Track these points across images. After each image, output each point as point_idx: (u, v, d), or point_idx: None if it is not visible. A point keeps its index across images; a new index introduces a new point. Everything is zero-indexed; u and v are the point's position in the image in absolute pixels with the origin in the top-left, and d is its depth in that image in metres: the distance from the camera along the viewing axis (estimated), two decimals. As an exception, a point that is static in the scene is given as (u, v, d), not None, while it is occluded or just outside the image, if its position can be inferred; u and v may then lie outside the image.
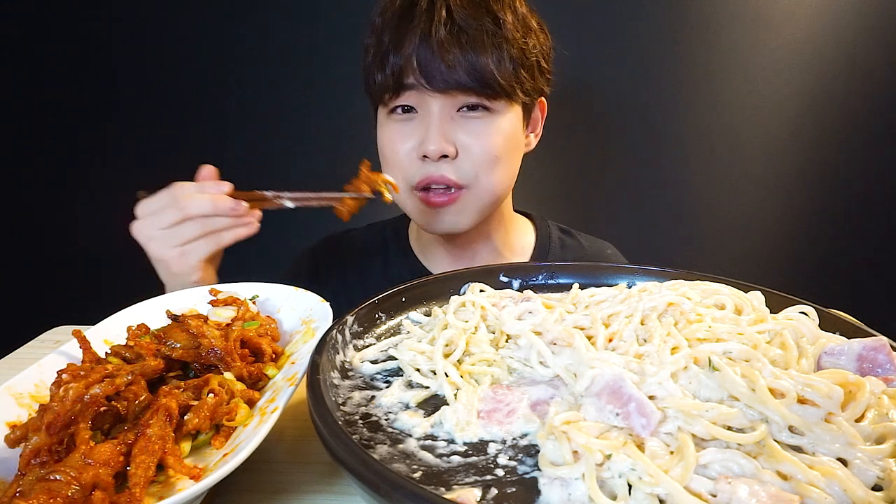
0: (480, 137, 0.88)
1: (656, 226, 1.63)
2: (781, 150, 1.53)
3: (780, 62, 1.45)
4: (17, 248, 1.88)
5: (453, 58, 0.82)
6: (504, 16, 0.86)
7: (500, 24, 0.85)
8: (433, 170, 0.89)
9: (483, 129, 0.89)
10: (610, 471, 0.38)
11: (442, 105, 0.87)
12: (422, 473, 0.41)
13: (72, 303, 1.29)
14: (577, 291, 0.67)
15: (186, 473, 0.42)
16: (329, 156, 1.58)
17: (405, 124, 0.91)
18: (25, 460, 0.41)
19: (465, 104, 0.88)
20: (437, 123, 0.87)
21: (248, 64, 1.64)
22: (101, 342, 0.58)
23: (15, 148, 1.80)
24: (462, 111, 0.88)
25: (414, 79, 0.85)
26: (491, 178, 0.91)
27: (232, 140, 1.72)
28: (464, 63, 0.83)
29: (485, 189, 0.92)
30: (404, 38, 0.85)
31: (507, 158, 0.93)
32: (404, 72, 0.85)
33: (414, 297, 0.68)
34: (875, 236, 1.57)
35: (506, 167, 0.93)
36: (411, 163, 0.90)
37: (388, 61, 0.86)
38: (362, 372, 0.56)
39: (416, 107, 0.89)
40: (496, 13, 0.85)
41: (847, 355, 0.48)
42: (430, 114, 0.87)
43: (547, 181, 1.66)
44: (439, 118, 0.87)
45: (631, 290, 0.64)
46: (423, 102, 0.88)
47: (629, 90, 1.54)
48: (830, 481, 0.35)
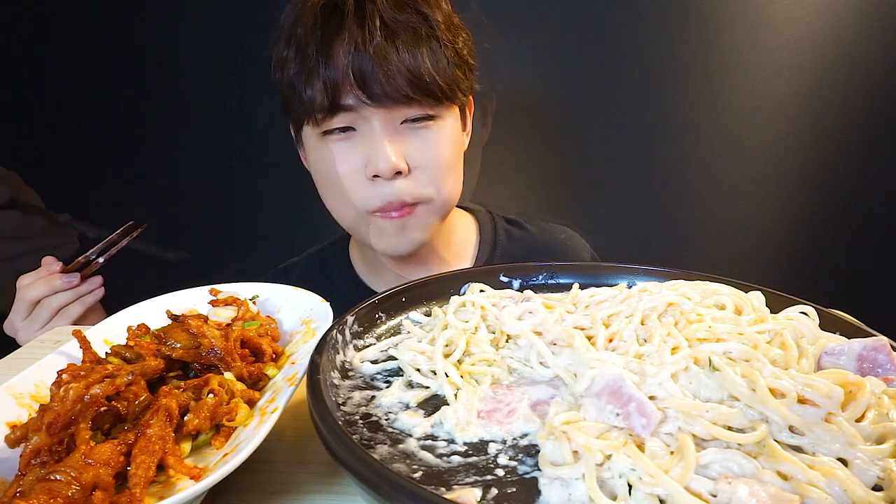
0: (430, 148, 0.83)
1: (656, 226, 1.63)
2: (781, 150, 1.53)
3: (780, 62, 1.45)
4: (17, 248, 1.88)
5: (392, 67, 0.76)
6: (434, 14, 0.80)
7: (431, 24, 0.80)
8: (388, 192, 0.82)
9: (431, 140, 0.84)
10: (610, 471, 0.38)
11: (384, 119, 0.80)
12: (422, 473, 0.41)
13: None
14: (577, 291, 0.67)
15: (187, 473, 0.42)
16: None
17: (345, 143, 0.83)
18: (26, 460, 0.41)
19: (407, 116, 0.82)
20: (383, 138, 0.80)
21: (248, 64, 1.64)
22: (101, 342, 0.58)
23: (15, 148, 1.80)
24: (406, 123, 0.82)
25: (353, 96, 0.78)
26: (445, 189, 0.87)
27: (232, 140, 1.72)
28: (404, 70, 0.76)
29: (441, 200, 0.88)
30: (334, 49, 0.77)
31: (456, 164, 0.90)
32: (340, 88, 0.77)
33: (414, 297, 0.68)
34: (875, 236, 1.57)
35: (456, 173, 0.90)
36: (358, 185, 0.83)
37: (317, 76, 0.78)
38: (362, 372, 0.56)
39: (354, 125, 0.82)
40: (426, 12, 0.80)
41: (847, 355, 0.48)
42: (372, 130, 0.80)
43: (546, 181, 1.66)
44: (384, 133, 0.80)
45: (631, 290, 0.63)
46: (361, 119, 0.81)
47: (629, 90, 1.53)
48: (831, 481, 0.35)
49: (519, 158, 1.60)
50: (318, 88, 0.78)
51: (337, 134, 0.83)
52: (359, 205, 0.85)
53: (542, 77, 1.51)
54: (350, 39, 0.76)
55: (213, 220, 1.76)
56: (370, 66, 0.76)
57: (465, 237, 1.07)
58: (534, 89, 1.53)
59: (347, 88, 0.78)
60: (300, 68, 0.80)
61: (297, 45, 0.81)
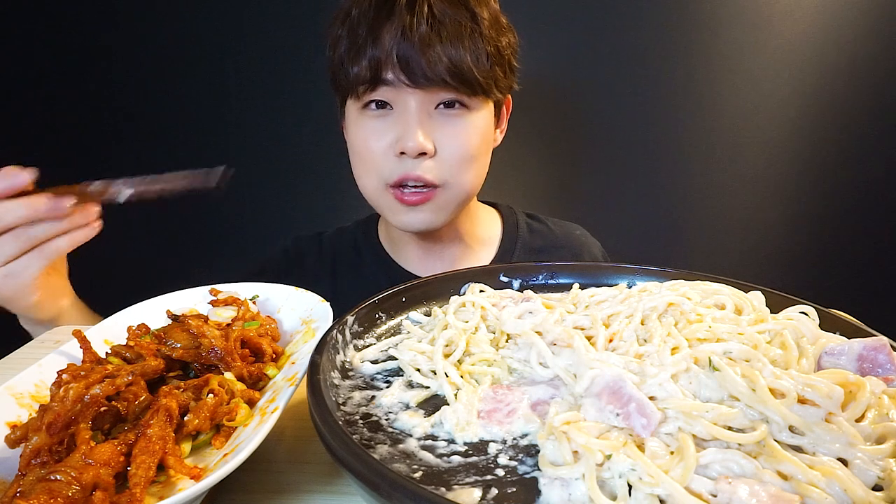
0: (458, 135, 0.88)
1: (656, 226, 1.63)
2: (781, 151, 1.53)
3: (781, 62, 1.45)
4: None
5: (434, 53, 0.81)
6: (481, 12, 0.85)
7: (477, 21, 0.84)
8: (410, 167, 0.87)
9: (461, 127, 0.88)
10: (610, 471, 0.38)
11: (420, 101, 0.85)
12: (422, 473, 0.41)
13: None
14: (578, 291, 0.67)
15: (187, 473, 0.42)
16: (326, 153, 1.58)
17: (380, 120, 0.88)
18: (26, 460, 0.41)
19: (442, 101, 0.86)
20: (416, 120, 0.85)
21: (248, 64, 1.64)
22: (101, 342, 0.58)
23: (15, 147, 1.80)
24: (439, 108, 0.87)
25: (393, 74, 0.83)
26: (466, 177, 0.91)
27: (232, 140, 1.72)
28: (444, 59, 0.81)
29: (460, 188, 0.92)
30: (382, 31, 0.82)
31: (482, 156, 0.93)
32: (382, 66, 0.83)
33: (414, 297, 0.68)
34: (875, 236, 1.57)
35: (480, 165, 0.94)
36: (387, 160, 0.88)
37: (364, 54, 0.83)
38: (362, 372, 0.56)
39: (392, 102, 0.87)
40: (473, 9, 0.85)
41: (847, 355, 0.48)
42: (407, 110, 0.85)
43: (546, 181, 1.66)
44: (418, 114, 0.85)
45: (631, 290, 0.63)
46: (399, 98, 0.86)
47: (629, 90, 1.53)
48: (831, 481, 0.35)
49: (519, 158, 1.60)
50: (363, 65, 0.83)
51: (375, 110, 0.88)
52: (381, 176, 0.89)
53: (542, 77, 1.51)
54: (399, 24, 0.81)
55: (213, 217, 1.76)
56: (413, 51, 0.81)
57: (489, 228, 1.12)
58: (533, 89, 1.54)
59: (388, 68, 0.83)
60: (349, 46, 0.85)
61: (350, 25, 0.86)
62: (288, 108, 1.65)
